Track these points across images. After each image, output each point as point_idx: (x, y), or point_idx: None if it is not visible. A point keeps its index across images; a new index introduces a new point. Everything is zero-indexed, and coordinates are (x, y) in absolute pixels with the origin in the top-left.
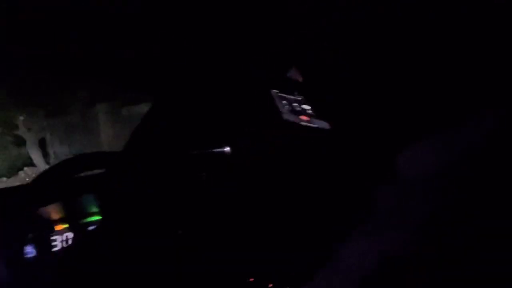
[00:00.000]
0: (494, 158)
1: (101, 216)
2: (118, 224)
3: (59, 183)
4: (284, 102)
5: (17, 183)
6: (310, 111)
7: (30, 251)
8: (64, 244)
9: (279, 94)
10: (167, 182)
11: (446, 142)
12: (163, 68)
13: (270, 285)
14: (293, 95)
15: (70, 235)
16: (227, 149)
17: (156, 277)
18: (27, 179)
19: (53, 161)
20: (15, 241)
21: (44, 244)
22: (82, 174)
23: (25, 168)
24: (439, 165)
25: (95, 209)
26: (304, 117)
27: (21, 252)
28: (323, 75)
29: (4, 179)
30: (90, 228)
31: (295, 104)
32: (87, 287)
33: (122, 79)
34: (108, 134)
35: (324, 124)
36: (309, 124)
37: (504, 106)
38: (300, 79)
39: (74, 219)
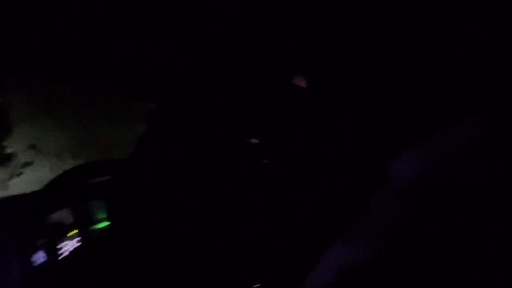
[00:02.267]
0: (479, 160)
1: (110, 222)
2: (127, 228)
3: (68, 190)
4: None
5: None
6: None
7: (39, 257)
8: (73, 250)
9: None
10: (173, 183)
11: (430, 148)
12: (164, 68)
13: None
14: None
15: (79, 241)
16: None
17: (161, 278)
18: None
19: None
20: (25, 248)
21: (53, 250)
22: (91, 181)
23: None
24: (423, 171)
25: (103, 216)
26: None
27: (31, 258)
28: (323, 75)
29: None
30: (99, 233)
31: None
32: None
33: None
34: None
35: None
36: None
37: (487, 111)
38: (304, 84)
39: (83, 225)
